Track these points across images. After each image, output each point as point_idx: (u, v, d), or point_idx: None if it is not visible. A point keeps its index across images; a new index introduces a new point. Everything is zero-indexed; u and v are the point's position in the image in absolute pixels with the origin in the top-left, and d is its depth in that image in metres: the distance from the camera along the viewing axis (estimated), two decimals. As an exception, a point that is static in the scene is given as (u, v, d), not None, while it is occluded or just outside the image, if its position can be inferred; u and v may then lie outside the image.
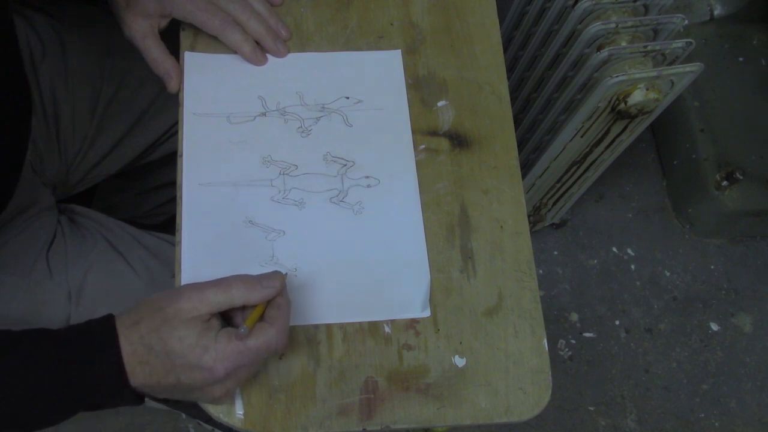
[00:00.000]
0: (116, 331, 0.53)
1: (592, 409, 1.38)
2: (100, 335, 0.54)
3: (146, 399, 0.58)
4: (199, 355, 0.53)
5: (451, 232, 0.67)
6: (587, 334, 1.43)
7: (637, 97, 0.96)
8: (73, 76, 0.79)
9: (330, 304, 0.63)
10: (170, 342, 0.53)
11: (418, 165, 0.69)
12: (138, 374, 0.54)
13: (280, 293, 0.57)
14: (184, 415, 1.26)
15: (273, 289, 0.56)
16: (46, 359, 0.53)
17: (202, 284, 0.55)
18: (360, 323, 0.63)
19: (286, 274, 0.59)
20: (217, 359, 0.53)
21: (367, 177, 0.68)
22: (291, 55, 0.72)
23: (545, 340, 0.64)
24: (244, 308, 0.57)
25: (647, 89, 0.96)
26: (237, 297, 0.55)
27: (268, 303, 0.57)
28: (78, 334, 0.54)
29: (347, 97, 0.71)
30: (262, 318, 0.56)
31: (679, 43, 0.95)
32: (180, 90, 0.69)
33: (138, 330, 0.53)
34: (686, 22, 0.96)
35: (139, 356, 0.53)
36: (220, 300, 0.54)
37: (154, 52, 0.69)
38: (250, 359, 0.55)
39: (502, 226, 0.68)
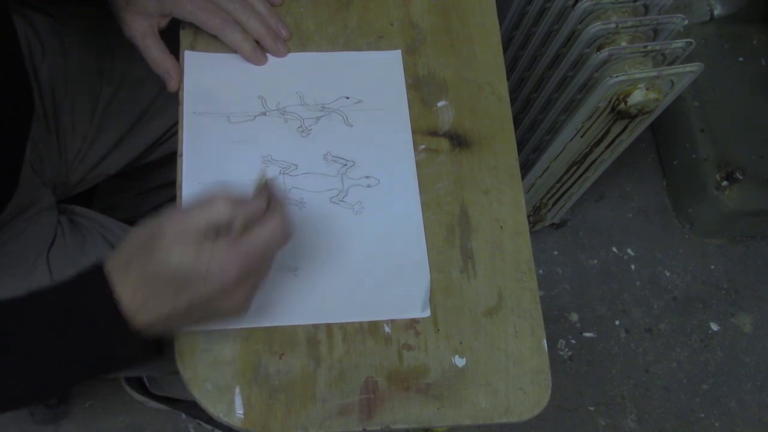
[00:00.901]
0: (108, 279, 0.52)
1: (592, 409, 1.38)
2: (93, 287, 0.52)
3: (146, 399, 0.58)
4: (205, 265, 0.51)
5: (451, 232, 0.67)
6: (587, 334, 1.44)
7: (637, 97, 0.96)
8: (73, 76, 0.79)
9: (330, 304, 0.63)
10: (171, 263, 0.51)
11: (418, 165, 0.69)
12: (149, 310, 0.52)
13: (270, 197, 0.56)
14: (184, 415, 1.26)
15: (261, 201, 0.55)
16: (47, 320, 0.52)
17: (187, 207, 0.53)
18: (360, 323, 0.63)
19: (270, 178, 0.58)
20: (224, 262, 0.52)
21: (367, 177, 0.68)
22: (291, 55, 0.72)
23: (545, 340, 0.64)
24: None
25: (647, 89, 0.96)
26: (222, 210, 0.52)
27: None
28: (70, 292, 0.53)
29: (347, 97, 0.71)
30: None
31: (679, 43, 0.95)
32: (180, 89, 0.69)
33: (133, 266, 0.52)
34: (686, 22, 0.96)
35: (144, 291, 0.52)
36: (206, 216, 0.52)
37: (154, 51, 0.69)
38: (257, 258, 0.53)
39: (502, 226, 0.68)
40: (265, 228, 0.54)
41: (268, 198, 0.56)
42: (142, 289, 0.52)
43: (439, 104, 0.72)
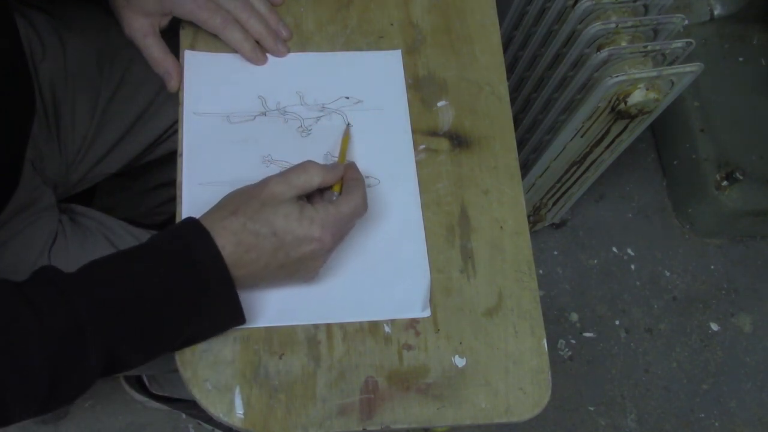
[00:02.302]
0: (208, 231, 0.55)
1: (592, 409, 1.38)
2: (195, 237, 0.55)
3: (146, 399, 0.58)
4: (307, 227, 0.57)
5: (451, 232, 0.67)
6: (587, 334, 1.44)
7: (637, 97, 0.96)
8: (73, 75, 0.79)
9: (330, 304, 0.63)
10: (276, 221, 0.56)
11: (418, 165, 0.69)
12: (246, 264, 0.56)
13: (351, 170, 0.63)
14: (184, 415, 1.26)
15: (342, 169, 0.62)
16: (148, 271, 0.53)
17: (282, 172, 0.59)
18: (360, 323, 0.63)
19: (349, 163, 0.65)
20: (324, 226, 0.58)
21: (367, 177, 0.68)
22: (291, 55, 0.72)
23: (545, 340, 0.64)
24: (317, 195, 0.62)
25: (647, 89, 0.96)
26: (315, 176, 0.59)
27: (342, 181, 0.63)
28: (169, 243, 0.55)
29: (347, 97, 0.71)
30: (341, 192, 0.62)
31: (679, 43, 0.95)
32: (180, 89, 0.69)
33: (238, 219, 0.56)
34: (686, 22, 0.96)
35: (245, 244, 0.56)
36: (303, 180, 0.59)
37: (155, 50, 0.69)
38: (345, 224, 0.60)
39: (502, 226, 0.68)
40: (353, 198, 0.60)
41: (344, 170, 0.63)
42: (245, 242, 0.56)
43: (439, 104, 0.72)
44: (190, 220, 0.56)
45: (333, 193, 0.62)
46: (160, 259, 0.54)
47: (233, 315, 0.58)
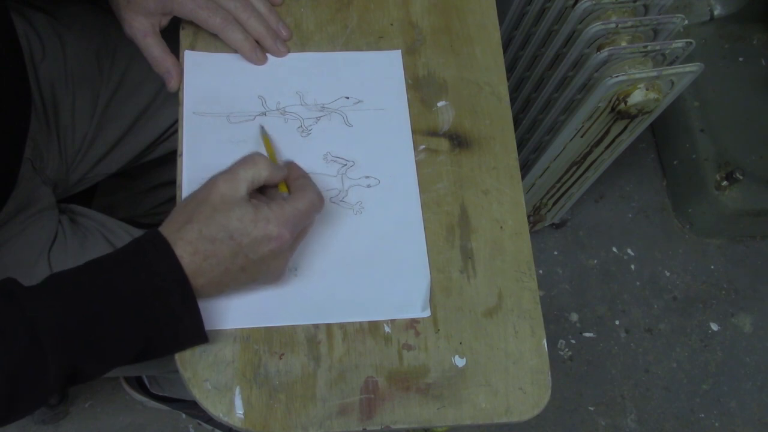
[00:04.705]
0: (167, 241, 0.54)
1: (592, 409, 1.38)
2: (153, 249, 0.54)
3: (146, 399, 0.58)
4: (264, 227, 0.55)
5: (451, 232, 0.67)
6: (587, 334, 1.44)
7: (637, 97, 0.96)
8: (73, 75, 0.79)
9: (330, 304, 0.63)
10: (230, 224, 0.55)
11: (418, 165, 0.69)
12: (206, 271, 0.55)
13: (293, 169, 0.62)
14: (184, 415, 1.26)
15: (285, 168, 0.61)
16: (109, 284, 0.53)
17: (229, 168, 0.58)
18: (360, 323, 0.63)
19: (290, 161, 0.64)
20: (281, 225, 0.56)
21: (367, 177, 0.68)
22: (291, 55, 0.72)
23: (545, 341, 0.64)
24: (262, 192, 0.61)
25: (647, 89, 0.96)
26: (263, 169, 0.58)
27: (287, 181, 0.61)
28: (131, 254, 0.55)
29: (347, 97, 0.71)
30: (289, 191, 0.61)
31: (679, 43, 0.95)
32: (180, 89, 0.69)
33: (192, 227, 0.55)
34: (686, 22, 0.96)
35: (203, 252, 0.55)
36: (252, 174, 0.57)
37: (155, 50, 0.69)
38: (302, 219, 0.58)
39: (502, 227, 0.68)
40: (306, 193, 0.59)
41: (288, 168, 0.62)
42: (201, 250, 0.55)
43: (439, 104, 0.72)
44: (152, 232, 0.55)
45: (282, 193, 0.60)
46: (121, 271, 0.53)
47: (193, 329, 0.57)
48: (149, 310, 0.54)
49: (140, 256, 0.54)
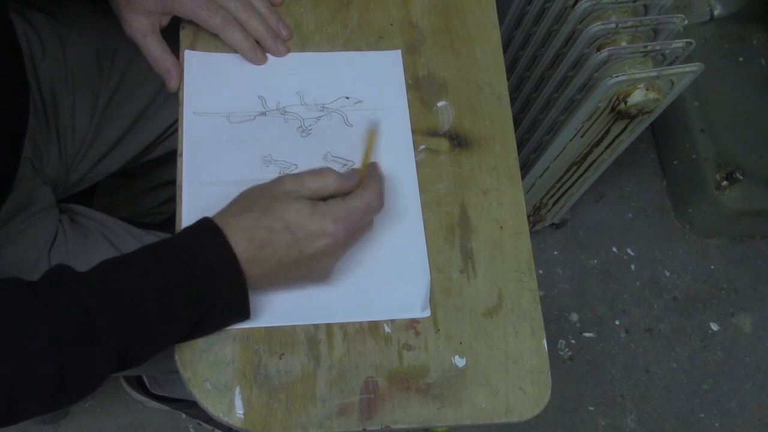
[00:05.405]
0: (221, 229, 0.55)
1: (592, 409, 1.38)
2: (208, 236, 0.55)
3: (146, 399, 0.58)
4: (319, 221, 0.56)
5: (451, 232, 0.67)
6: (587, 334, 1.44)
7: (637, 97, 0.96)
8: (73, 75, 0.79)
9: (330, 304, 0.63)
10: (288, 215, 0.56)
11: (418, 165, 0.69)
12: (259, 261, 0.56)
13: (371, 169, 0.62)
14: (184, 415, 1.26)
15: (358, 176, 0.61)
16: (161, 271, 0.53)
17: (299, 173, 0.59)
18: (360, 323, 0.63)
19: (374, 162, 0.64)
20: (336, 221, 0.57)
21: (367, 177, 0.68)
22: (291, 55, 0.72)
23: (545, 341, 0.64)
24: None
25: (647, 89, 0.96)
26: (331, 183, 0.58)
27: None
28: (186, 239, 0.55)
29: (347, 97, 0.71)
30: None
31: (679, 43, 0.95)
32: (180, 89, 0.69)
33: (251, 215, 0.56)
34: (686, 22, 0.96)
35: (258, 240, 0.55)
36: (318, 185, 0.58)
37: (155, 50, 0.69)
38: (359, 218, 0.58)
39: (502, 227, 0.68)
40: (366, 193, 0.59)
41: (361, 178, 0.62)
42: (258, 238, 0.55)
43: (439, 104, 0.72)
44: (204, 220, 0.56)
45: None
46: (173, 259, 0.54)
47: (239, 312, 0.58)
48: (199, 297, 0.54)
49: (194, 244, 0.55)
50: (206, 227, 0.56)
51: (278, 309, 0.62)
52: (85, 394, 0.54)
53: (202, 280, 0.54)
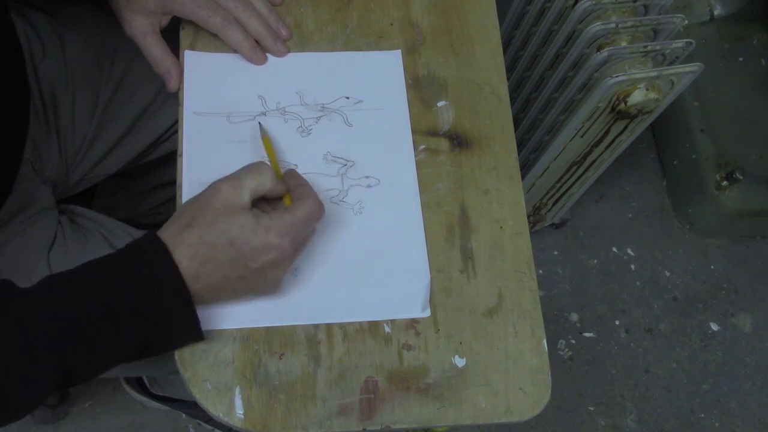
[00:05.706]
0: (165, 245, 0.54)
1: (592, 409, 1.38)
2: (152, 252, 0.54)
3: (146, 399, 0.58)
4: (264, 236, 0.55)
5: (451, 232, 0.67)
6: (587, 334, 1.44)
7: (637, 97, 0.96)
8: (73, 75, 0.79)
9: (330, 304, 0.63)
10: (232, 231, 0.55)
11: (418, 165, 0.69)
12: (203, 277, 0.55)
13: (293, 178, 0.62)
14: (184, 415, 1.26)
15: (286, 179, 0.62)
16: (106, 287, 0.52)
17: (234, 174, 0.58)
18: (360, 323, 0.63)
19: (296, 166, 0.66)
20: (282, 234, 0.56)
21: (367, 177, 0.68)
22: (291, 55, 0.72)
23: (545, 341, 0.64)
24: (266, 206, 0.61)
25: (647, 89, 0.96)
26: (268, 179, 0.58)
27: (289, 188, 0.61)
28: (129, 256, 0.54)
29: (347, 97, 0.71)
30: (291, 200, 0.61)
31: (679, 43, 0.95)
32: (180, 89, 0.69)
33: (193, 231, 0.55)
34: (686, 22, 0.96)
35: (201, 256, 0.54)
36: (256, 182, 0.57)
37: (155, 50, 0.69)
38: (303, 229, 0.58)
39: (502, 227, 0.68)
40: (306, 202, 0.58)
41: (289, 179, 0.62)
42: (201, 254, 0.54)
43: (439, 104, 0.72)
44: (150, 234, 0.55)
45: (283, 204, 0.61)
46: (118, 274, 0.53)
47: (190, 330, 0.57)
48: (145, 313, 0.53)
49: (138, 259, 0.54)
50: (150, 243, 0.55)
51: (279, 309, 0.62)
52: (29, 409, 0.53)
53: (145, 297, 0.53)
